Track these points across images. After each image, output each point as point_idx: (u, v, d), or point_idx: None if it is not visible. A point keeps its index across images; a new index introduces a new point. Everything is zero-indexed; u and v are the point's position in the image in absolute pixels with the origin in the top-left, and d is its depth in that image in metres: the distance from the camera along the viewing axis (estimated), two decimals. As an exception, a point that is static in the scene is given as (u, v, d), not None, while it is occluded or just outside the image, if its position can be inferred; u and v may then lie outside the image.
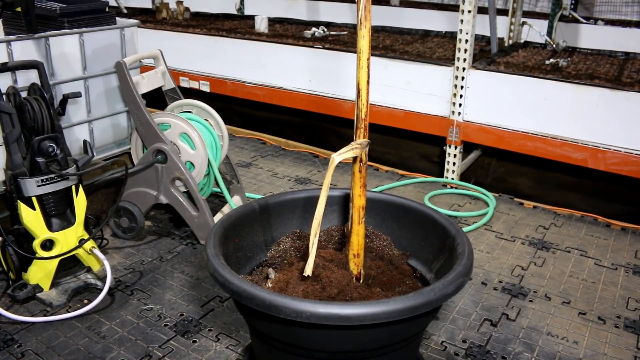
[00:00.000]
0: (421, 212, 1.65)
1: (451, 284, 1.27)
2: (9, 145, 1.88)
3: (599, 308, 2.04)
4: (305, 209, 1.71)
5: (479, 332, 1.89)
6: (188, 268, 2.23)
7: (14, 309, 1.93)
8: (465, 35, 2.94)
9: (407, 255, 1.65)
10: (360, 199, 1.48)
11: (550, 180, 3.16)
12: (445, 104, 3.11)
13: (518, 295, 2.11)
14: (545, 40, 3.83)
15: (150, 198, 2.34)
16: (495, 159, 3.35)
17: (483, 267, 2.30)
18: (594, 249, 2.47)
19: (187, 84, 4.08)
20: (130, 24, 2.58)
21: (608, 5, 5.04)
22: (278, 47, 3.68)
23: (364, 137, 1.44)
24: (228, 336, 1.85)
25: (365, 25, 1.36)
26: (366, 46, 1.37)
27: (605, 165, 2.74)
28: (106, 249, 2.33)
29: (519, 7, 3.76)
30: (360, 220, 1.50)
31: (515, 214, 2.78)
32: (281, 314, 1.19)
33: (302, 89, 3.61)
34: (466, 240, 1.46)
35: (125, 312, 1.95)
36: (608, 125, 2.71)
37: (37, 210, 1.89)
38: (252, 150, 3.59)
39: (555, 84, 2.82)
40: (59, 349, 1.76)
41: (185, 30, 4.14)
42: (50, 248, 1.96)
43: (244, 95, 3.88)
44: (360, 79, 1.39)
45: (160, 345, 1.79)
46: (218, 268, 1.32)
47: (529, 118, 2.90)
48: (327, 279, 1.42)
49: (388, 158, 3.56)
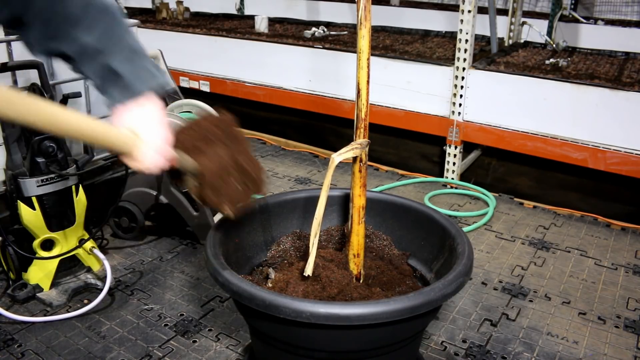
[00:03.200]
0: (421, 212, 1.65)
1: (451, 284, 1.27)
2: (9, 145, 1.88)
3: (599, 308, 2.04)
4: (306, 208, 1.71)
5: (479, 332, 1.90)
6: (188, 268, 2.23)
7: (14, 309, 1.93)
8: (465, 35, 2.94)
9: (407, 255, 1.65)
10: (360, 199, 1.48)
11: (550, 180, 3.16)
12: (445, 104, 3.11)
13: (518, 295, 2.11)
14: (545, 40, 3.83)
15: (150, 198, 2.34)
16: (495, 159, 3.34)
17: (483, 267, 2.30)
18: (594, 249, 2.47)
19: (187, 84, 4.08)
20: (130, 24, 2.58)
21: (608, 5, 5.04)
22: (278, 47, 3.68)
23: (364, 137, 1.44)
24: (228, 336, 1.85)
25: (365, 25, 1.36)
26: (366, 46, 1.37)
27: (605, 165, 2.74)
28: (106, 249, 2.33)
29: (519, 7, 3.76)
30: (360, 220, 1.50)
31: (515, 214, 2.78)
32: (281, 314, 1.19)
33: (302, 89, 3.61)
34: (466, 240, 1.46)
35: (125, 312, 1.95)
36: (608, 125, 2.71)
37: (37, 210, 1.89)
38: (252, 150, 3.58)
39: (555, 84, 2.82)
40: (59, 348, 1.76)
41: (185, 30, 4.14)
42: (50, 248, 1.96)
43: (244, 95, 3.88)
44: (360, 79, 1.40)
45: (160, 345, 1.79)
46: (218, 268, 1.32)
47: (529, 118, 2.90)
48: (327, 279, 1.42)
49: (388, 158, 3.56)
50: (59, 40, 1.11)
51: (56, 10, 1.08)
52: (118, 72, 1.13)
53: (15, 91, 0.97)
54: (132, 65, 1.14)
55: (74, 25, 1.10)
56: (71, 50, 1.12)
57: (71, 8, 1.09)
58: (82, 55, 1.12)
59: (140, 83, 1.15)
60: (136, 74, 1.15)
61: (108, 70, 1.13)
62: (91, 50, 1.12)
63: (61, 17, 1.09)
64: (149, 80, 1.16)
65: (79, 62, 1.13)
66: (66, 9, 1.09)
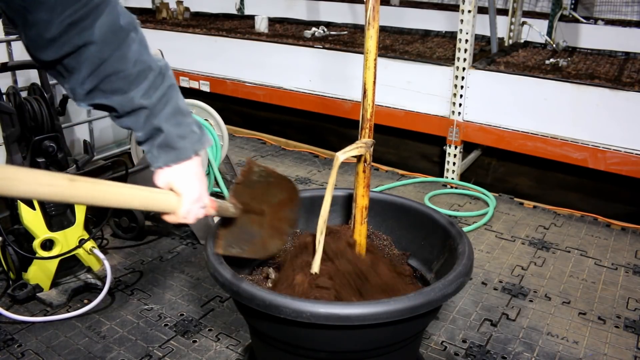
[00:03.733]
0: (421, 212, 1.65)
1: (451, 284, 1.27)
2: (9, 145, 1.88)
3: (599, 308, 2.04)
4: (306, 208, 1.71)
5: (479, 332, 1.89)
6: (188, 268, 2.23)
7: (14, 309, 1.93)
8: (465, 35, 2.94)
9: (407, 255, 1.65)
10: (363, 199, 1.48)
11: (550, 180, 3.16)
12: (445, 103, 3.11)
13: (518, 295, 2.11)
14: (545, 40, 3.83)
15: (150, 198, 2.34)
16: (495, 159, 3.34)
17: (483, 267, 2.30)
18: (594, 248, 2.47)
19: (187, 83, 4.08)
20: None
21: (608, 5, 5.04)
22: (278, 47, 3.68)
23: (369, 137, 1.44)
24: (228, 336, 1.85)
25: (373, 26, 1.36)
26: (374, 47, 1.36)
27: (605, 165, 2.74)
28: (106, 249, 2.33)
29: (519, 7, 3.76)
30: (363, 220, 1.50)
31: (515, 214, 2.78)
32: (281, 314, 1.19)
33: (302, 89, 3.61)
34: (466, 240, 1.46)
35: (125, 312, 1.95)
36: (608, 125, 2.71)
37: (37, 210, 1.89)
38: (252, 150, 3.59)
39: (555, 84, 2.82)
40: (59, 348, 1.76)
41: (185, 30, 4.14)
42: (50, 248, 1.96)
43: (244, 95, 3.88)
44: (367, 80, 1.39)
45: (160, 345, 1.79)
46: (218, 268, 1.32)
47: (529, 118, 2.90)
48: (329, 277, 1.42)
49: (388, 158, 3.56)
50: (108, 95, 1.09)
51: (117, 68, 1.07)
52: (166, 133, 1.13)
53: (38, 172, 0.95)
54: (179, 128, 1.15)
55: (128, 83, 1.09)
56: (120, 106, 1.10)
57: (129, 65, 1.08)
58: (131, 111, 1.11)
59: (186, 147, 1.16)
60: (183, 137, 1.15)
61: (156, 130, 1.13)
62: (142, 110, 1.11)
63: (116, 73, 1.07)
64: (195, 144, 1.18)
65: (124, 116, 1.12)
66: (128, 70, 1.08)
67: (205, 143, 1.21)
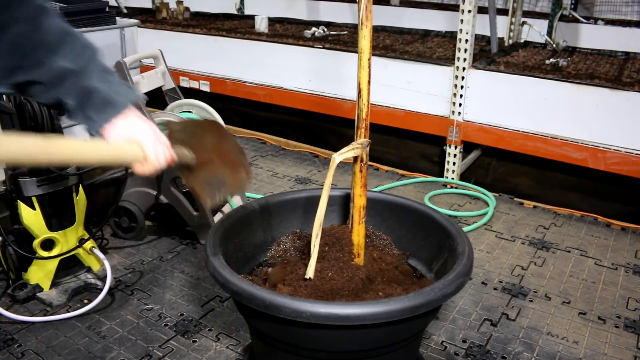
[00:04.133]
0: (421, 212, 1.65)
1: (451, 284, 1.27)
2: (9, 145, 1.88)
3: (599, 308, 2.04)
4: (306, 208, 1.71)
5: (479, 332, 1.90)
6: (188, 268, 2.23)
7: (14, 309, 1.93)
8: (465, 35, 2.94)
9: (407, 255, 1.65)
10: (360, 198, 1.48)
11: (550, 180, 3.16)
12: (445, 103, 3.11)
13: (518, 295, 2.11)
14: (545, 40, 3.83)
15: (150, 198, 2.34)
16: (495, 159, 3.34)
17: (483, 267, 2.30)
18: (594, 248, 2.47)
19: (187, 83, 4.08)
20: (130, 24, 2.59)
21: (608, 5, 5.03)
22: (278, 47, 3.68)
23: (365, 137, 1.44)
24: (228, 336, 1.85)
25: (366, 26, 1.36)
26: (367, 46, 1.37)
27: (605, 165, 2.74)
28: (106, 249, 2.33)
29: (519, 7, 3.76)
30: (361, 220, 1.50)
31: (515, 214, 2.78)
32: (281, 314, 1.19)
33: (302, 89, 3.61)
34: (466, 240, 1.46)
35: (125, 312, 1.95)
36: (608, 125, 2.71)
37: (37, 210, 1.89)
38: (252, 150, 3.59)
39: (555, 83, 2.82)
40: (59, 348, 1.76)
41: (185, 30, 4.14)
42: (50, 248, 1.96)
43: (244, 95, 3.88)
44: (362, 79, 1.39)
45: (160, 345, 1.79)
46: (218, 268, 1.32)
47: (529, 118, 2.90)
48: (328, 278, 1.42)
49: (388, 158, 3.56)
50: (30, 69, 1.11)
51: (34, 38, 1.09)
52: (98, 91, 1.16)
53: (12, 136, 0.99)
54: (109, 83, 1.19)
55: (50, 52, 1.11)
56: (44, 77, 1.13)
57: (50, 36, 1.11)
58: (57, 80, 1.14)
59: (120, 98, 1.20)
60: (115, 90, 1.19)
61: (86, 92, 1.16)
62: (68, 74, 1.14)
63: (37, 45, 1.10)
64: (128, 94, 1.22)
65: (51, 87, 1.14)
66: (45, 37, 1.11)
67: (140, 96, 1.25)
